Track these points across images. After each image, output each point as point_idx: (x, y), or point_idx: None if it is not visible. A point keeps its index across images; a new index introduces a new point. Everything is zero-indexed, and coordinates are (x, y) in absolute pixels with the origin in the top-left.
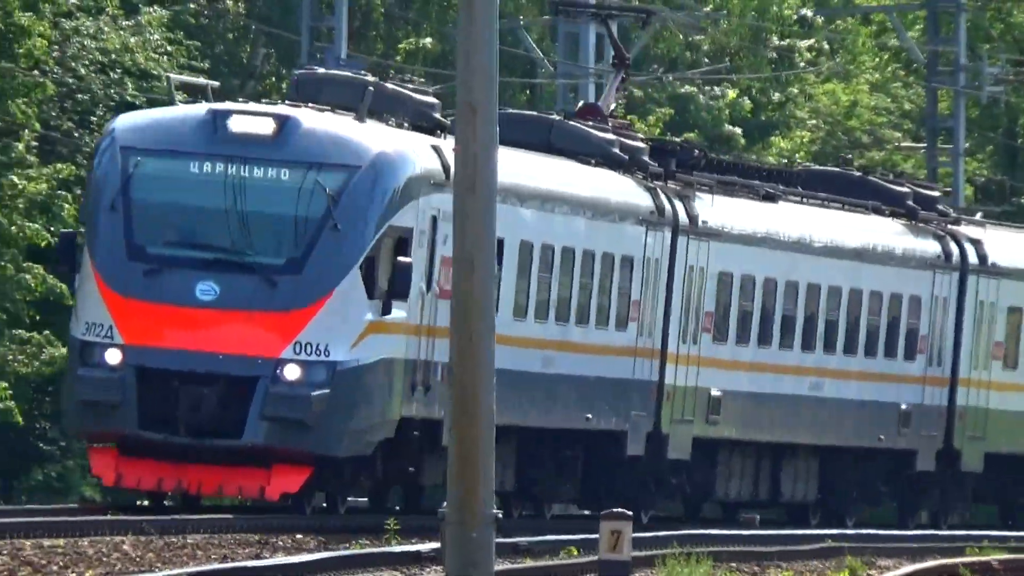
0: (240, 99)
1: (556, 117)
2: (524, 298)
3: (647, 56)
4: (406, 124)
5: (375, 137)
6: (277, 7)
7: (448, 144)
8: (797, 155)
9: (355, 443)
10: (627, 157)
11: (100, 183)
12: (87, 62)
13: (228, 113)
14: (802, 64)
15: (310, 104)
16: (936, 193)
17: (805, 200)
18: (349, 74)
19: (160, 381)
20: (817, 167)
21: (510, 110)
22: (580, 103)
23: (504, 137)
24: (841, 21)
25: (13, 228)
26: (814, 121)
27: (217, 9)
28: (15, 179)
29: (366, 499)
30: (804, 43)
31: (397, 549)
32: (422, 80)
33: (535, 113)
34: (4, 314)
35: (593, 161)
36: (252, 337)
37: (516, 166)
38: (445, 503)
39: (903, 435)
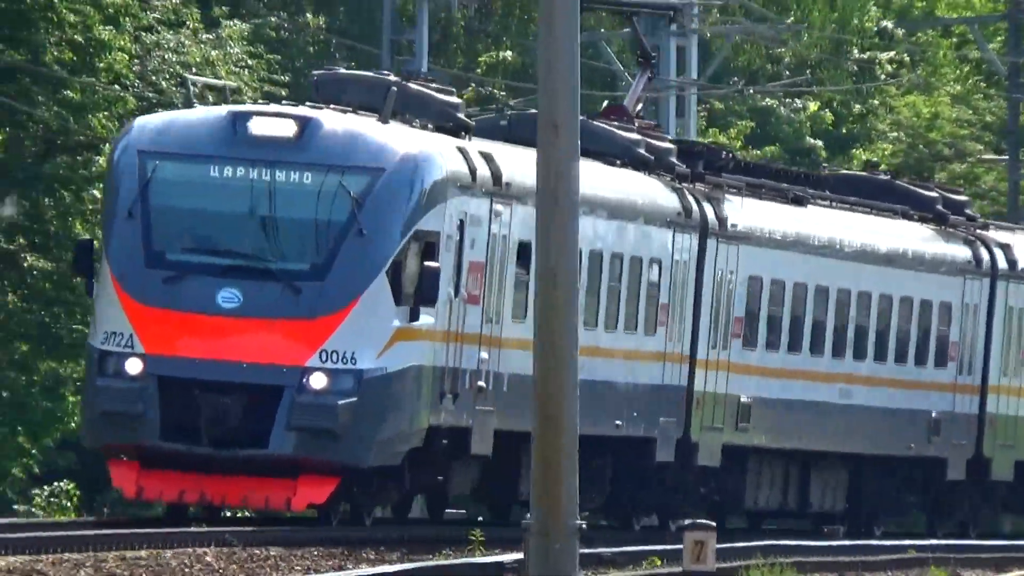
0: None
1: (581, 118)
2: None
3: (728, 68)
4: (430, 125)
5: (400, 138)
6: (358, 21)
7: (473, 145)
8: (879, 168)
9: (383, 453)
10: (653, 158)
11: (117, 188)
12: (168, 76)
13: (248, 115)
14: (883, 76)
15: (332, 105)
16: (964, 198)
17: (833, 204)
18: (371, 74)
19: (182, 391)
20: (845, 171)
21: (531, 110)
22: (605, 103)
23: (527, 138)
24: (922, 33)
25: (96, 243)
26: (895, 134)
27: (297, 23)
28: (97, 193)
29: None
30: (885, 55)
31: (480, 560)
32: (501, 94)
33: None
34: (85, 327)
35: (619, 162)
36: (276, 345)
37: None
38: (528, 514)
39: (933, 443)
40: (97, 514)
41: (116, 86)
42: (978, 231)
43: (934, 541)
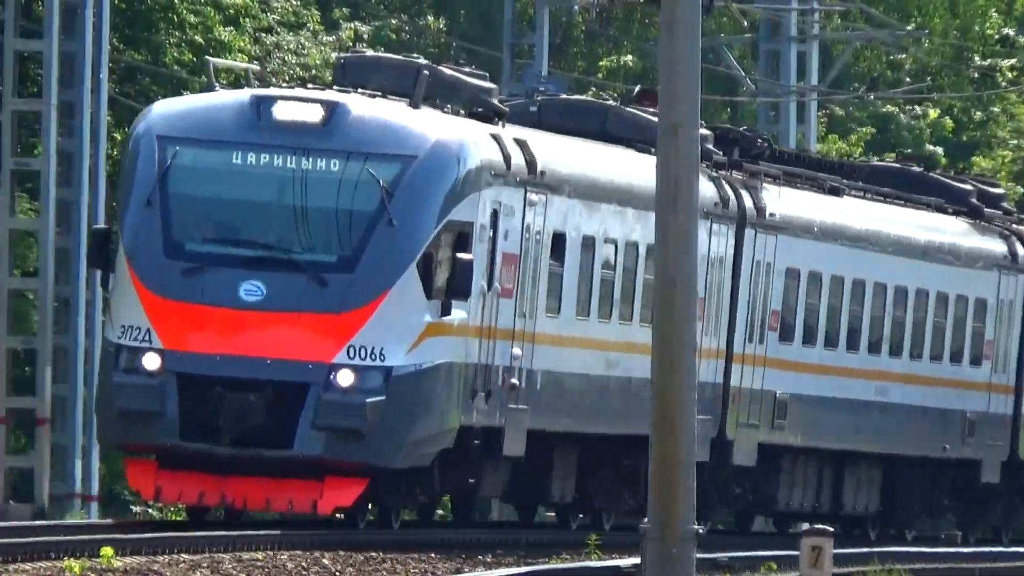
0: None
1: (612, 103)
2: (587, 296)
3: (849, 75)
4: (462, 111)
5: (432, 124)
6: (478, 24)
7: (508, 132)
8: (999, 175)
9: (413, 454)
10: None
11: (135, 175)
12: (288, 77)
13: (273, 99)
14: (1004, 84)
15: (359, 89)
16: (1000, 191)
17: (867, 195)
18: (400, 57)
19: (202, 388)
20: (878, 162)
21: (562, 96)
22: (636, 88)
23: (557, 125)
24: None
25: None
26: (1016, 141)
27: (418, 26)
28: None
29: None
30: (1006, 62)
31: (598, 564)
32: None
33: (589, 99)
34: None
35: (652, 149)
36: (302, 340)
37: (576, 156)
38: (646, 519)
39: (968, 444)
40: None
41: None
42: (1014, 225)
43: None
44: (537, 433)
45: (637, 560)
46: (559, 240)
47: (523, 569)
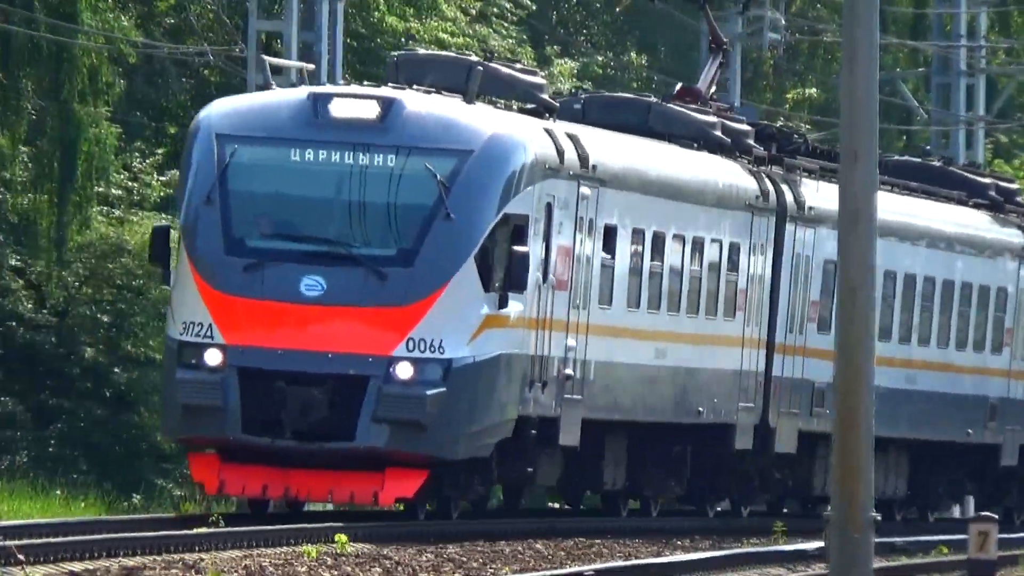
0: None
1: (653, 99)
2: (637, 288)
3: (1013, 105)
4: (515, 106)
5: (487, 120)
6: (677, 59)
7: (560, 127)
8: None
9: (472, 445)
10: (730, 140)
11: (194, 174)
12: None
13: (329, 96)
14: None
15: (414, 86)
16: (1016, 186)
17: (893, 189)
18: (451, 54)
19: (264, 382)
20: (898, 157)
21: (604, 92)
22: (678, 85)
23: (601, 120)
24: None
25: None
26: None
27: (622, 62)
28: None
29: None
30: None
31: (786, 548)
32: (807, 126)
33: (631, 96)
34: None
35: (696, 145)
36: (362, 334)
37: (625, 151)
38: (829, 507)
39: (989, 429)
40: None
41: None
42: None
43: None
44: (589, 422)
45: (820, 544)
46: (610, 233)
47: (721, 552)
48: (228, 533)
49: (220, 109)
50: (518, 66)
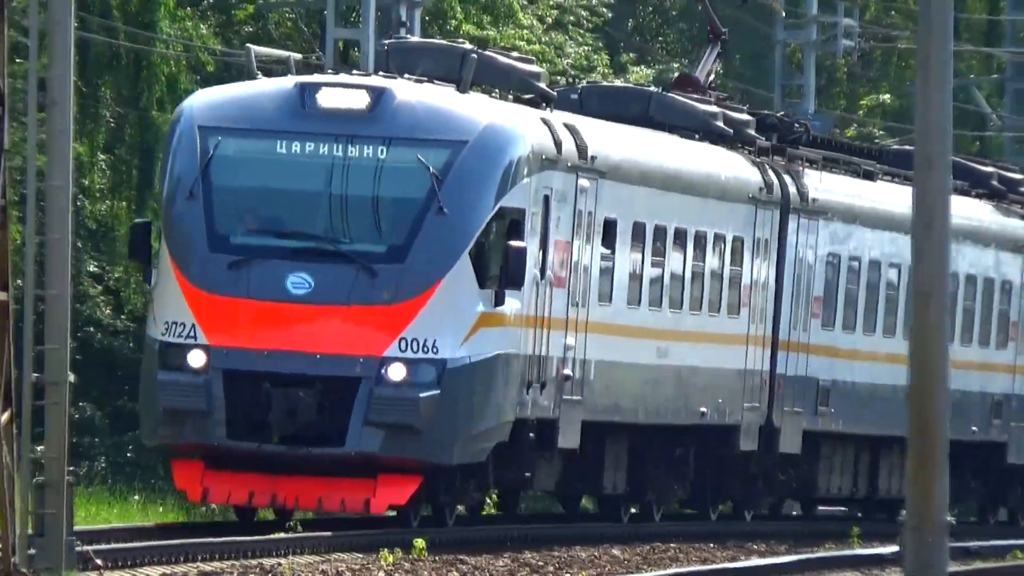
0: None
1: (653, 89)
2: (639, 285)
3: None
4: (510, 96)
5: (481, 109)
6: (752, 67)
7: (557, 117)
8: None
9: (469, 449)
10: (732, 131)
11: (176, 166)
12: None
13: (317, 86)
14: None
15: (405, 75)
16: (1019, 176)
17: (895, 179)
18: (444, 42)
19: (249, 385)
20: (899, 146)
21: (602, 83)
22: (676, 74)
23: (600, 111)
24: None
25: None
26: None
27: (697, 68)
28: None
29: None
30: None
31: (862, 552)
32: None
33: (630, 85)
34: None
35: (697, 135)
36: (352, 334)
37: (626, 142)
38: (903, 511)
39: (995, 426)
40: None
41: None
42: None
43: None
44: (589, 424)
45: (895, 548)
46: (610, 227)
47: (798, 556)
48: (305, 538)
49: (203, 99)
50: (515, 54)
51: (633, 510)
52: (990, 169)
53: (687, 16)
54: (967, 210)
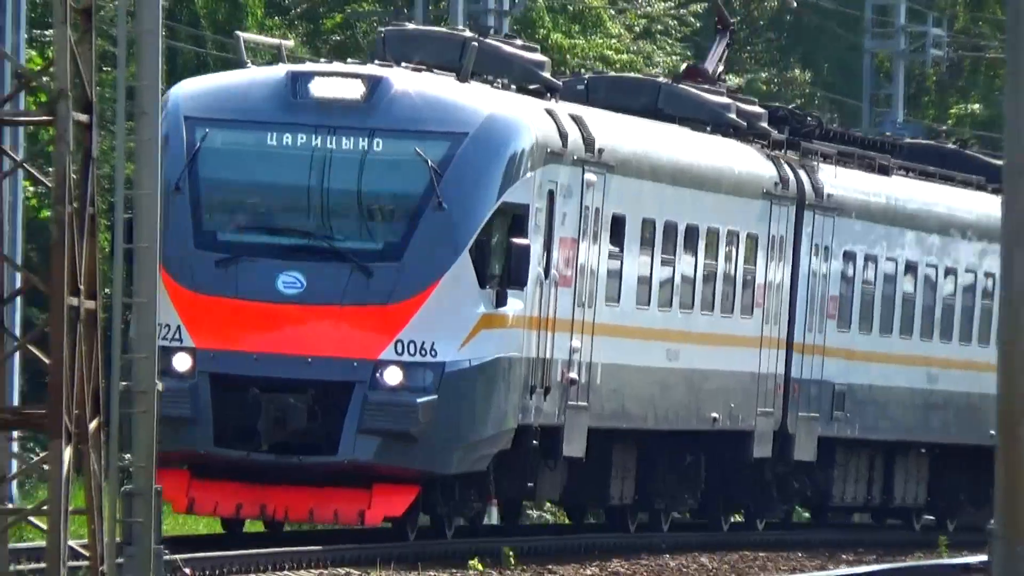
0: None
1: (663, 80)
2: (648, 284)
3: None
4: (513, 86)
5: (482, 99)
6: (841, 76)
7: (563, 108)
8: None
9: (468, 458)
10: (745, 124)
11: (162, 160)
12: None
13: (309, 75)
14: None
15: (403, 64)
16: None
17: (909, 174)
18: (443, 30)
19: (238, 390)
20: (911, 140)
21: (611, 73)
22: (684, 65)
23: (607, 102)
24: None
25: None
26: None
27: (785, 77)
28: None
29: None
30: None
31: (950, 561)
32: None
33: (640, 76)
34: None
35: (708, 128)
36: (345, 336)
37: (634, 134)
38: (992, 520)
39: None
40: None
41: None
42: None
43: None
44: (595, 431)
45: (983, 558)
46: (619, 223)
47: (886, 566)
48: (394, 547)
49: (189, 89)
50: (518, 43)
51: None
52: (1001, 162)
53: (777, 25)
54: (982, 205)
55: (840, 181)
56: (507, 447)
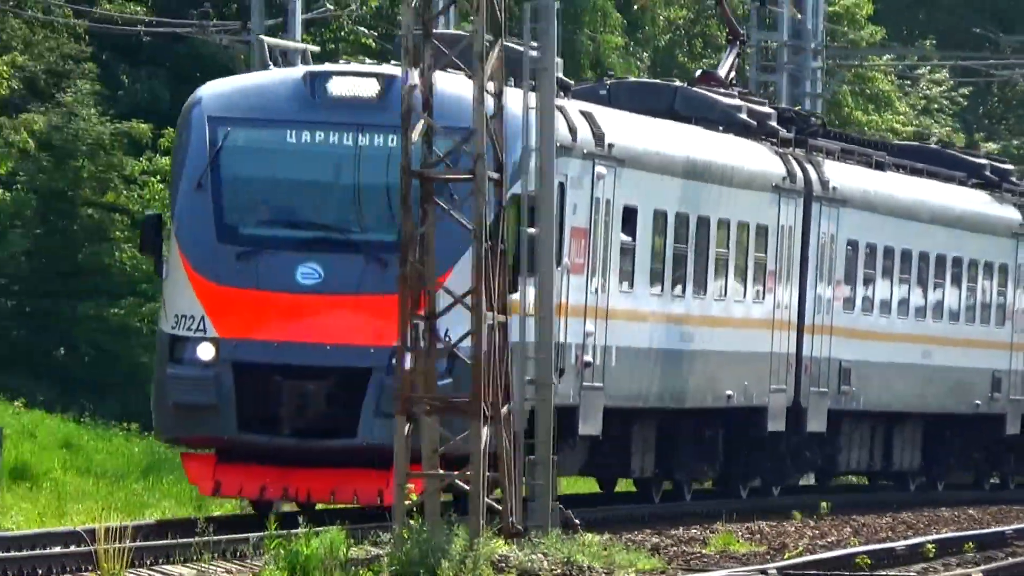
0: None
1: (678, 83)
2: (661, 271)
3: None
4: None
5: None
6: None
7: (573, 105)
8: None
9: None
10: (755, 123)
11: (185, 158)
12: None
13: (327, 75)
14: None
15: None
16: (1009, 166)
17: (902, 170)
18: (460, 32)
19: (260, 377)
20: (900, 141)
21: (631, 78)
22: (698, 71)
23: (627, 105)
24: None
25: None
26: None
27: None
28: None
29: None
30: None
31: None
32: None
33: (657, 80)
34: None
35: (721, 127)
36: (362, 324)
37: (644, 130)
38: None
39: (995, 400)
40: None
41: None
42: None
43: None
44: (612, 410)
45: None
46: (630, 214)
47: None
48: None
49: (213, 90)
50: (532, 44)
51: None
52: (983, 161)
53: None
54: (967, 198)
55: (843, 175)
56: (523, 427)
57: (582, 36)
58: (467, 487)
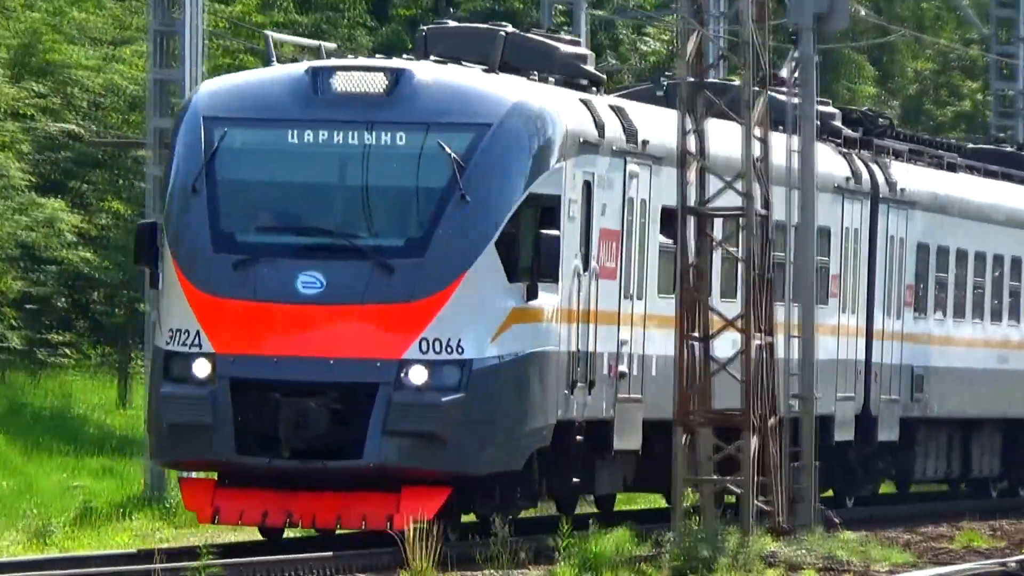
0: None
1: (736, 82)
2: (707, 275)
3: None
4: (551, 79)
5: (508, 89)
6: None
7: (602, 100)
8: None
9: (500, 457)
10: (818, 123)
11: (180, 161)
12: None
13: (331, 71)
14: None
15: (432, 57)
16: None
17: (975, 172)
18: (484, 26)
19: (259, 395)
20: (972, 144)
21: (690, 79)
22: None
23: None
24: None
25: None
26: None
27: None
28: None
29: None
30: None
31: None
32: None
33: (715, 79)
34: None
35: (780, 127)
36: (367, 336)
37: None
38: None
39: None
40: None
41: None
42: None
43: None
44: (652, 423)
45: None
46: (669, 215)
47: None
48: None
49: (209, 89)
50: (564, 37)
51: None
52: None
53: None
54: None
55: (912, 176)
56: (545, 444)
57: (838, 86)
58: (738, 491)
